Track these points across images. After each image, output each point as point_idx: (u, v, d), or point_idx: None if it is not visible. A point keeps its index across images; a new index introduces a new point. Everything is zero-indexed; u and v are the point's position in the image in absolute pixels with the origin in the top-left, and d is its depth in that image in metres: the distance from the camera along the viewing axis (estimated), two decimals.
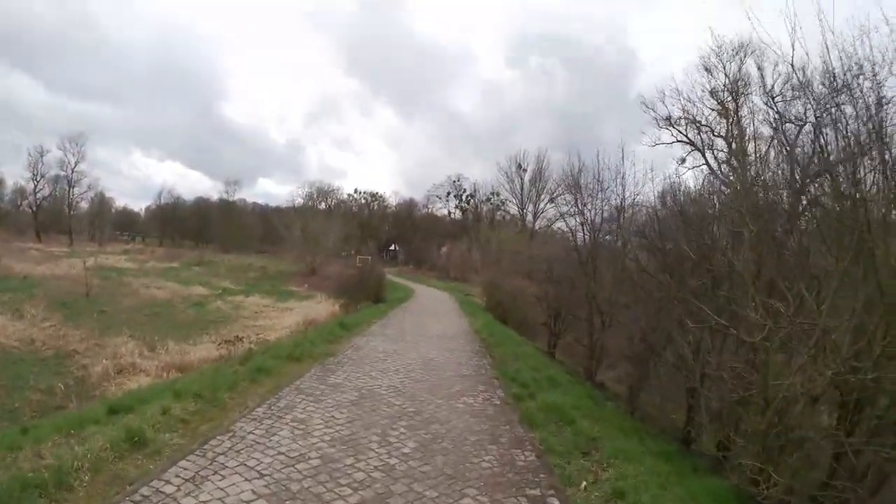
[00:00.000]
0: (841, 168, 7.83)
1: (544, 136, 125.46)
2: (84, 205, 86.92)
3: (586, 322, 16.79)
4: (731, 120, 45.43)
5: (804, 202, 9.64)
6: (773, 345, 6.74)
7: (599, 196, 16.43)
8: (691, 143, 47.80)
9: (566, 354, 21.60)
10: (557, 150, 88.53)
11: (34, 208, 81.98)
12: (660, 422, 13.51)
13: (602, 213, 16.18)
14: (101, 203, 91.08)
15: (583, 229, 16.63)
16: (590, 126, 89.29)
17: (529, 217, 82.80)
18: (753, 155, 12.40)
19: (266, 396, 8.02)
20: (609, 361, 18.25)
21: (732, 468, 7.23)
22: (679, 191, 13.62)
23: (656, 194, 14.83)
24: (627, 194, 15.89)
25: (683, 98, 46.43)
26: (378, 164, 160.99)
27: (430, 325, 19.35)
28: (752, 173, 11.50)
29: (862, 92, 7.60)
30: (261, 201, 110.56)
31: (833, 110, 8.32)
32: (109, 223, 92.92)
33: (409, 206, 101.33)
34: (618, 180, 16.31)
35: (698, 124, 47.63)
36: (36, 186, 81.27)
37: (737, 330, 7.96)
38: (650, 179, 18.80)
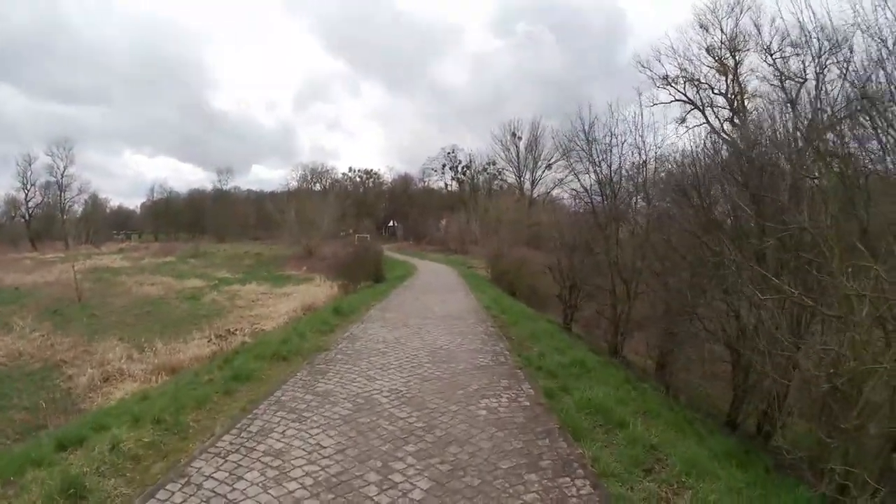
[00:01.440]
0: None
1: (536, 106, 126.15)
2: (77, 208, 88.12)
3: (608, 292, 15.11)
4: (730, 77, 44.44)
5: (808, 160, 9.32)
6: (864, 320, 5.20)
7: (616, 151, 14.63)
8: (690, 101, 46.38)
9: (583, 327, 20.10)
10: (550, 117, 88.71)
11: (27, 217, 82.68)
12: (695, 399, 12.16)
13: (621, 168, 14.36)
14: (95, 204, 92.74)
15: (600, 188, 14.81)
16: (581, 92, 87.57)
17: (527, 185, 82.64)
18: (754, 112, 12.41)
19: (238, 417, 6.38)
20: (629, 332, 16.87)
21: (814, 472, 5.76)
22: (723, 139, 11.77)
23: (687, 147, 13.48)
24: (649, 147, 14.25)
25: (680, 56, 45.25)
26: (371, 142, 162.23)
27: (435, 304, 17.66)
28: (753, 130, 11.35)
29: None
30: (255, 188, 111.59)
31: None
32: (105, 224, 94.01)
33: (404, 182, 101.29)
34: (635, 132, 14.65)
35: (697, 82, 46.49)
36: (27, 195, 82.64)
37: (815, 302, 6.41)
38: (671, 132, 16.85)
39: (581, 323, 19.68)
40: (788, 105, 13.85)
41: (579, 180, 15.51)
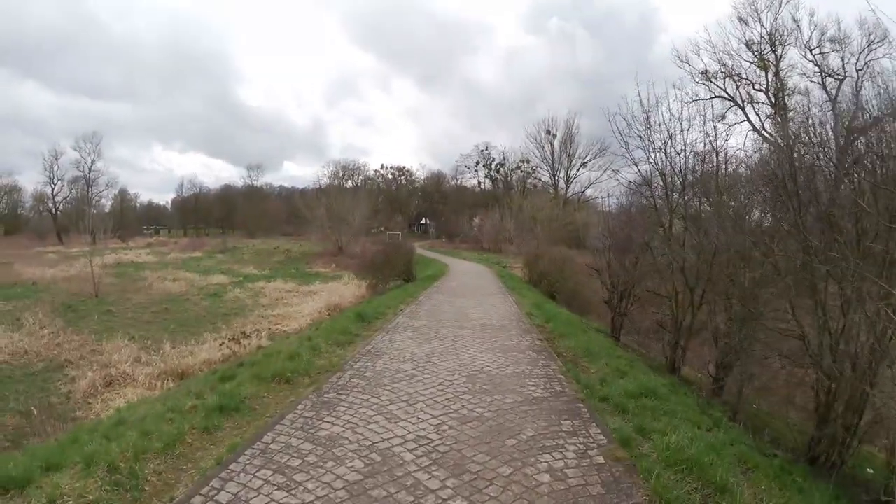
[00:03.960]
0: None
1: (569, 104, 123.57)
2: (105, 203, 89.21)
3: (667, 299, 13.12)
4: (770, 73, 42.50)
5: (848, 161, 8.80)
6: None
7: (679, 138, 12.57)
8: (731, 98, 44.45)
9: (630, 334, 18.13)
10: (584, 116, 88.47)
11: (53, 211, 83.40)
12: (755, 421, 10.07)
13: (688, 156, 12.28)
14: (123, 199, 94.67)
15: (662, 179, 12.76)
16: (614, 90, 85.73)
17: (561, 184, 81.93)
18: (794, 110, 11.51)
19: (210, 475, 4.67)
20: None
21: None
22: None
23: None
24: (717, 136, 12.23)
25: (719, 51, 43.45)
26: (402, 139, 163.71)
27: (471, 309, 15.77)
28: (794, 129, 10.54)
29: None
30: (286, 184, 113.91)
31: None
32: (134, 219, 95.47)
33: (437, 179, 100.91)
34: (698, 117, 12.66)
35: (737, 77, 44.48)
36: (53, 189, 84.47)
37: None
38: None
39: (627, 329, 17.71)
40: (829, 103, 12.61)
41: (638, 168, 13.39)
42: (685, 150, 12.15)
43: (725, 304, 11.74)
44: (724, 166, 12.29)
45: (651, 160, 12.89)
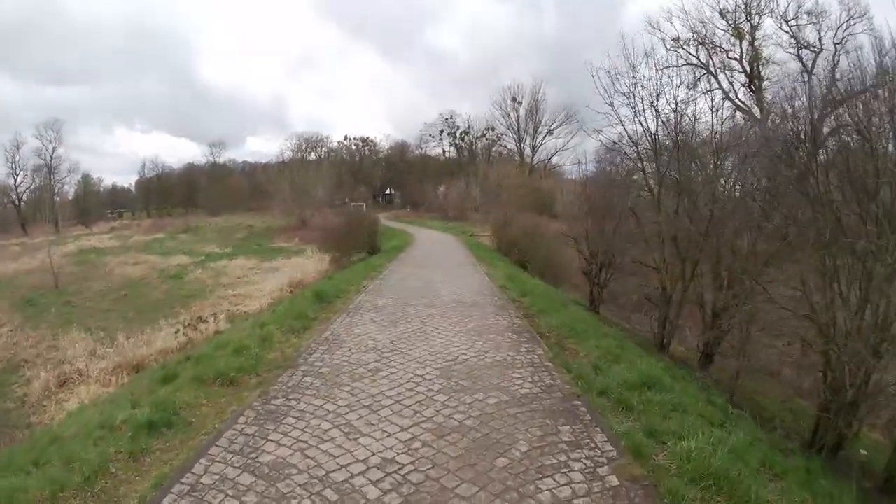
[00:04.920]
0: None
1: (533, 73, 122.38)
2: (68, 189, 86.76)
3: (658, 272, 12.07)
4: (745, 42, 41.92)
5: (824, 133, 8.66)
6: None
7: (670, 95, 11.41)
8: (703, 65, 43.65)
9: (609, 306, 17.20)
10: (548, 84, 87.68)
11: (17, 202, 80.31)
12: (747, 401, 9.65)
13: (680, 115, 11.10)
14: (86, 184, 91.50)
15: (651, 139, 11.58)
16: (581, 60, 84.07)
17: (527, 151, 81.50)
18: (768, 81, 11.19)
19: None
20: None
21: None
22: None
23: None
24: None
25: (692, 18, 42.67)
26: (366, 111, 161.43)
27: (440, 283, 14.56)
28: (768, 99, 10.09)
29: None
30: (250, 160, 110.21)
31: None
32: (99, 203, 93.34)
33: (401, 149, 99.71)
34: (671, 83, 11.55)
35: (711, 45, 43.78)
36: (16, 180, 79.95)
37: None
38: None
39: (606, 300, 16.74)
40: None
41: (624, 127, 12.18)
42: (677, 108, 10.99)
43: (725, 277, 10.81)
44: (719, 128, 11.18)
45: (639, 119, 11.72)
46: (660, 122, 11.23)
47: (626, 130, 12.17)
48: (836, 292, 7.24)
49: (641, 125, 11.85)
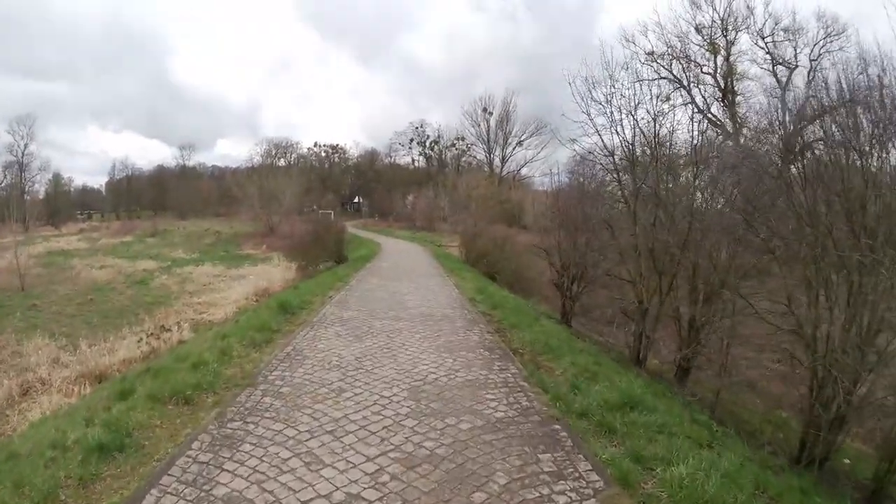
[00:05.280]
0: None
1: (506, 82, 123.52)
2: (39, 188, 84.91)
3: (629, 284, 11.79)
4: (720, 57, 42.41)
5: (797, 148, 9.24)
6: None
7: (649, 106, 11.16)
8: (676, 79, 43.99)
9: (580, 319, 16.87)
10: (520, 95, 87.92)
11: None
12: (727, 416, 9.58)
13: (658, 127, 10.82)
14: (57, 184, 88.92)
15: (627, 148, 11.27)
16: (554, 69, 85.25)
17: (497, 162, 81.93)
18: (741, 96, 11.35)
19: None
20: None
21: None
22: None
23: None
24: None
25: (667, 33, 43.03)
26: (338, 117, 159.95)
27: (408, 295, 14.10)
28: (742, 114, 10.75)
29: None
30: (220, 164, 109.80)
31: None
32: (68, 204, 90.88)
33: (371, 157, 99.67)
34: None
35: (686, 59, 44.16)
36: None
37: None
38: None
39: (577, 313, 16.42)
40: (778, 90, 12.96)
41: (602, 140, 11.84)
42: (655, 118, 10.73)
43: (702, 290, 10.57)
44: (699, 139, 10.96)
45: (615, 129, 11.42)
46: (637, 133, 10.93)
47: (602, 140, 11.84)
48: (824, 306, 7.06)
49: (618, 135, 11.55)
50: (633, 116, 10.85)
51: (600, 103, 11.66)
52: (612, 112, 11.31)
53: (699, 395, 10.31)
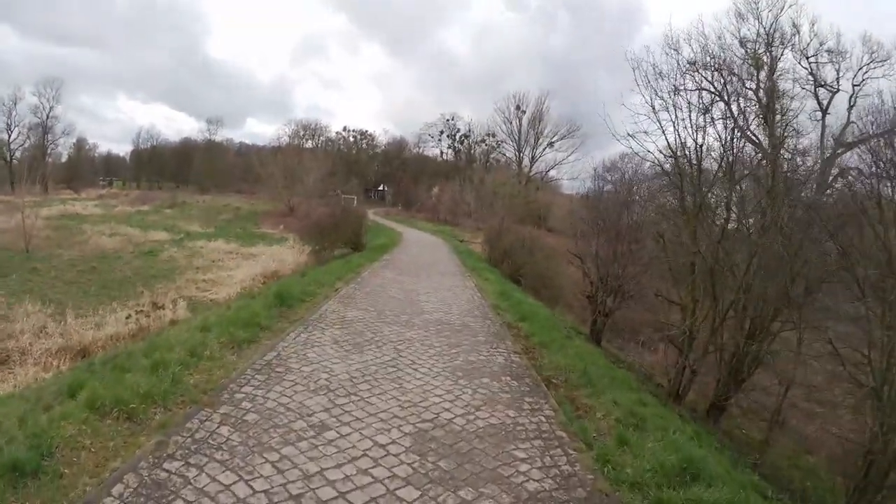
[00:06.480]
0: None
1: (539, 86, 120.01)
2: (62, 151, 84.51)
3: (682, 309, 10.23)
4: (763, 73, 40.55)
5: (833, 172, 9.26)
6: None
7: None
8: (717, 92, 42.09)
9: (609, 335, 15.35)
10: (551, 98, 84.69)
11: (8, 159, 76.35)
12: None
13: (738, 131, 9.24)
14: (80, 149, 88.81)
15: (695, 154, 9.65)
16: (587, 78, 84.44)
17: (526, 161, 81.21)
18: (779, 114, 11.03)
19: None
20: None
21: None
22: None
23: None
24: None
25: (711, 43, 41.25)
26: (367, 104, 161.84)
27: (424, 295, 12.62)
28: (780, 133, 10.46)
29: None
30: (248, 141, 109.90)
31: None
32: (91, 169, 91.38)
33: (399, 146, 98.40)
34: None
35: (728, 72, 42.17)
36: (10, 136, 76.69)
37: None
38: None
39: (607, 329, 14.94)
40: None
41: (667, 138, 10.25)
42: (736, 124, 9.19)
43: (756, 322, 9.06)
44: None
45: (678, 132, 9.85)
46: (705, 139, 9.37)
47: (666, 139, 10.24)
48: None
49: (678, 139, 9.98)
50: (706, 120, 9.31)
51: (663, 97, 10.12)
52: (675, 114, 9.80)
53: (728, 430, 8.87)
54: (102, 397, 4.83)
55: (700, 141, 9.78)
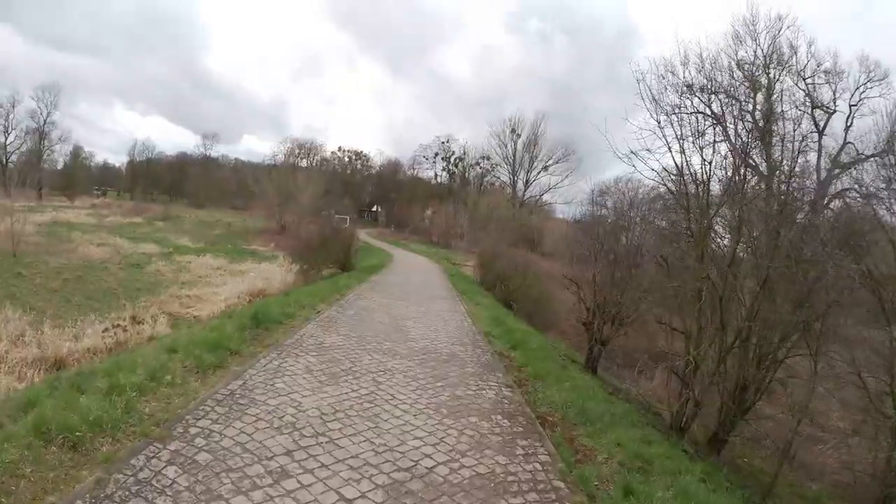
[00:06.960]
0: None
1: (535, 108, 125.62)
2: (58, 158, 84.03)
3: (686, 338, 9.60)
4: (760, 95, 40.56)
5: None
6: None
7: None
8: (713, 115, 42.10)
9: (604, 363, 14.74)
10: (547, 122, 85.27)
11: (4, 162, 75.91)
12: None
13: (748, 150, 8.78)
14: (76, 156, 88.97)
15: (704, 174, 9.08)
16: (584, 100, 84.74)
17: (520, 185, 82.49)
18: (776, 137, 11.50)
19: None
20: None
21: None
22: None
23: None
24: None
25: (707, 66, 41.25)
26: (364, 123, 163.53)
27: (411, 320, 11.93)
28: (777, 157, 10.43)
29: None
30: (244, 158, 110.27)
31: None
32: (87, 178, 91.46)
33: (393, 167, 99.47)
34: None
35: (726, 95, 42.14)
36: (6, 139, 76.56)
37: None
38: None
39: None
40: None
41: (672, 153, 9.70)
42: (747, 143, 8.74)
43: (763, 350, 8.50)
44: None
45: (684, 152, 9.32)
46: (713, 157, 8.85)
47: (673, 158, 9.69)
48: None
49: (684, 157, 9.45)
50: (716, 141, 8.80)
51: (668, 114, 9.58)
52: (682, 133, 9.29)
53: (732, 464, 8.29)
54: (50, 421, 4.36)
55: (708, 159, 9.15)
